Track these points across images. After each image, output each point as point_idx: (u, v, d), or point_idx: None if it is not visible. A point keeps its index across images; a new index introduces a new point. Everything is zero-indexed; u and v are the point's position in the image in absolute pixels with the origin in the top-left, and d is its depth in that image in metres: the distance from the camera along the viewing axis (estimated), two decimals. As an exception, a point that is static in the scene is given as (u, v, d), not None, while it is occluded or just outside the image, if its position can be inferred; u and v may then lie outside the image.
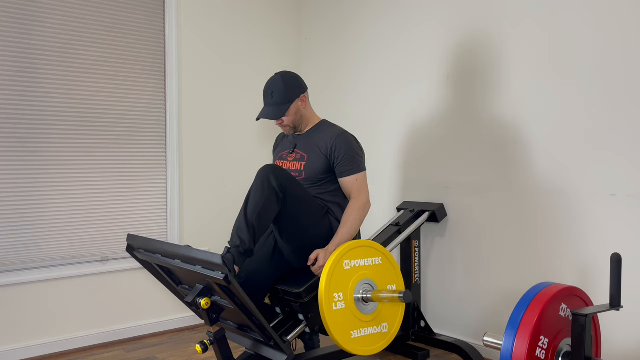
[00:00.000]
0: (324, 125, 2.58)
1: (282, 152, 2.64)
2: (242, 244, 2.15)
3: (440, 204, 2.95)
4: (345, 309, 2.18)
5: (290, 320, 2.37)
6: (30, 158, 2.84)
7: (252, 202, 2.18)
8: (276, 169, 2.23)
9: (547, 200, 2.55)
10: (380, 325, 2.28)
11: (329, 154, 2.44)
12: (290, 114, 2.48)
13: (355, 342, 2.21)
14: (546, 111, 2.55)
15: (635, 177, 2.27)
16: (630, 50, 2.27)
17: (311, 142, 2.52)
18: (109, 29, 3.08)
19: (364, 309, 2.24)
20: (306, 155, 2.50)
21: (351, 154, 2.43)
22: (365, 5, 3.43)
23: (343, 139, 2.44)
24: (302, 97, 2.52)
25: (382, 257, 2.33)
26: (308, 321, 2.29)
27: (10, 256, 2.79)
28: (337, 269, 2.19)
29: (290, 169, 2.53)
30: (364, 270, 2.26)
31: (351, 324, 2.20)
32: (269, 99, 2.48)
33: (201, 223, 3.42)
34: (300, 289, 2.26)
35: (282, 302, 2.38)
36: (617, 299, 1.77)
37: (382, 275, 2.31)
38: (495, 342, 1.85)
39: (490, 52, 2.77)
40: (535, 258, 2.60)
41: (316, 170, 2.45)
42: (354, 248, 2.25)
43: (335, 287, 2.17)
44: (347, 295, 2.20)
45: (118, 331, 3.09)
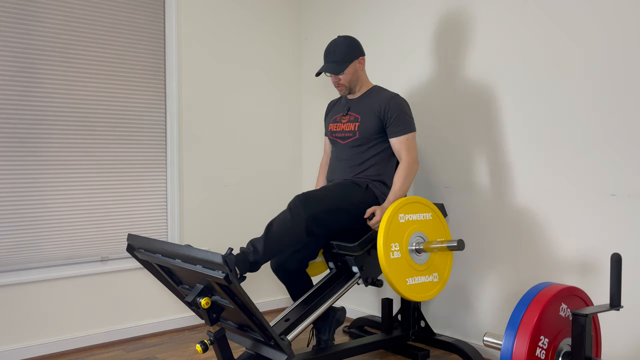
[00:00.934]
0: (377, 89, 2.72)
1: (336, 115, 2.79)
2: (255, 253, 2.27)
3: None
4: (401, 258, 2.38)
5: (344, 273, 2.62)
6: (30, 158, 2.84)
7: (278, 230, 2.34)
8: (306, 201, 2.38)
9: (547, 199, 2.55)
10: (432, 274, 2.49)
11: (382, 115, 2.60)
12: (348, 73, 2.64)
13: (411, 289, 2.40)
14: (546, 111, 2.55)
15: (635, 177, 2.27)
16: (631, 49, 2.27)
17: (364, 105, 2.67)
18: (109, 29, 3.08)
19: (418, 259, 2.45)
20: (359, 116, 2.66)
21: (403, 115, 2.60)
22: (365, 5, 3.43)
23: (396, 101, 2.61)
24: (361, 59, 2.68)
25: (432, 213, 2.54)
26: (362, 273, 2.52)
27: (10, 256, 2.79)
28: (394, 221, 2.39)
29: (345, 130, 2.70)
30: (417, 224, 2.47)
31: (407, 272, 2.40)
32: (330, 56, 2.64)
33: (201, 223, 3.42)
34: (355, 243, 2.48)
35: (335, 257, 2.62)
36: (617, 299, 1.78)
37: (432, 229, 2.52)
38: (495, 342, 1.85)
39: (491, 51, 2.77)
40: (535, 258, 2.60)
41: (369, 130, 2.61)
42: (408, 203, 2.47)
43: (393, 237, 2.37)
44: (403, 246, 2.40)
45: (118, 331, 3.09)
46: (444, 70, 2.99)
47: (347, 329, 3.19)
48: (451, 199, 2.95)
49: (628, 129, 2.28)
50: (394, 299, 3.15)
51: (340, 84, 2.67)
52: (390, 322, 2.91)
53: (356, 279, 2.55)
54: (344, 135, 2.71)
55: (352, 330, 3.16)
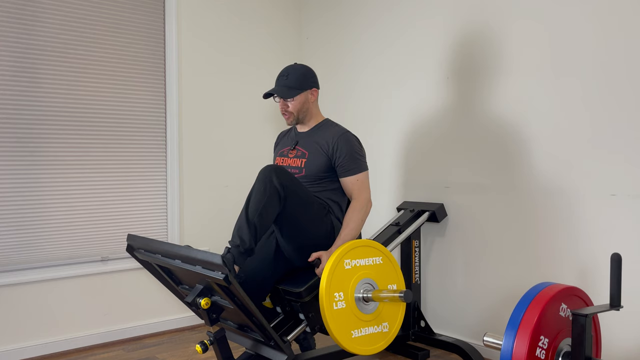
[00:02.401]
0: (327, 124, 2.57)
1: (283, 148, 2.64)
2: (243, 244, 2.15)
3: (440, 204, 2.95)
4: (346, 308, 2.19)
5: (291, 320, 2.37)
6: (30, 158, 2.84)
7: (254, 201, 2.18)
8: (278, 169, 2.23)
9: (547, 200, 2.55)
10: (380, 324, 2.28)
11: (331, 153, 2.44)
12: (298, 102, 2.49)
13: (356, 342, 2.21)
14: (546, 111, 2.55)
15: (635, 177, 2.27)
16: (631, 50, 2.27)
17: (313, 140, 2.51)
18: (109, 28, 3.08)
19: (365, 309, 2.24)
20: (307, 152, 2.50)
21: (352, 154, 2.43)
22: (365, 5, 3.43)
23: (345, 139, 2.44)
24: (314, 90, 2.54)
25: (383, 256, 2.33)
26: (309, 320, 2.29)
27: (10, 256, 2.79)
28: (338, 269, 2.19)
29: (291, 166, 2.53)
30: (365, 270, 2.26)
31: (352, 323, 2.20)
32: (282, 79, 2.49)
33: (201, 223, 3.42)
34: (301, 289, 2.27)
35: (282, 301, 2.39)
36: (617, 299, 1.77)
37: (382, 274, 2.31)
38: (495, 342, 1.85)
39: (490, 51, 2.77)
40: (535, 258, 2.60)
41: (317, 168, 2.45)
42: (355, 248, 2.25)
43: (336, 286, 2.17)
44: (348, 295, 2.20)
45: (118, 331, 3.09)
46: (445, 70, 2.99)
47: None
48: (451, 199, 2.95)
49: (629, 128, 2.28)
50: (394, 299, 3.14)
51: (287, 111, 2.50)
52: (390, 322, 2.89)
53: (304, 326, 2.33)
54: (290, 171, 2.47)
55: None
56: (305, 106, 2.52)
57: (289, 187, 2.22)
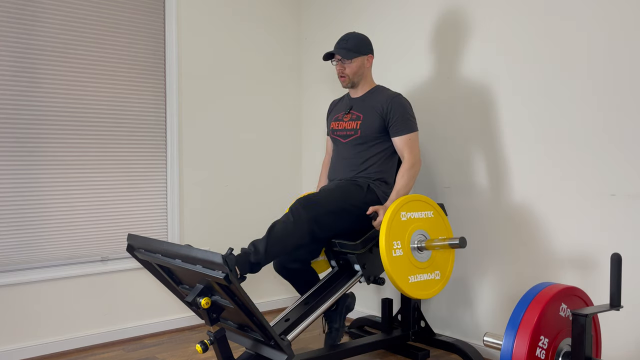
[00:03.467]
0: (380, 89, 2.73)
1: (338, 114, 2.80)
2: (255, 254, 2.28)
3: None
4: (403, 256, 2.40)
5: (345, 272, 2.62)
6: (30, 158, 2.84)
7: (281, 233, 2.34)
8: (307, 203, 2.39)
9: (547, 200, 2.55)
10: (433, 272, 2.51)
11: (384, 114, 2.60)
12: (355, 64, 2.65)
13: (413, 286, 2.42)
14: (546, 110, 2.55)
15: (635, 177, 2.27)
16: (631, 49, 2.27)
17: (367, 104, 2.68)
18: (109, 29, 3.08)
19: (419, 257, 2.46)
20: (362, 115, 2.66)
21: (405, 114, 2.60)
22: (365, 5, 3.43)
23: (398, 101, 2.61)
24: (370, 57, 2.70)
25: (434, 211, 2.55)
26: (364, 271, 2.53)
27: (10, 256, 2.79)
28: (396, 220, 2.40)
29: (346, 128, 2.70)
30: (418, 222, 2.49)
31: (409, 269, 2.41)
32: (342, 43, 2.65)
33: (201, 223, 3.42)
34: (357, 241, 2.48)
35: (337, 255, 2.63)
36: (617, 299, 1.77)
37: (434, 227, 2.53)
38: (495, 342, 1.85)
39: (490, 50, 2.77)
40: (535, 258, 2.60)
41: (371, 128, 2.62)
42: (410, 201, 2.48)
43: (394, 235, 2.38)
44: (405, 244, 2.41)
45: (118, 331, 3.09)
46: (445, 70, 2.99)
47: (347, 329, 3.19)
48: (451, 199, 2.95)
49: (629, 128, 2.28)
50: (394, 299, 3.15)
51: (344, 73, 2.66)
52: (390, 322, 2.91)
53: (358, 277, 2.56)
54: (345, 133, 2.71)
55: (352, 330, 3.16)
56: (361, 70, 2.68)
57: (318, 218, 2.39)
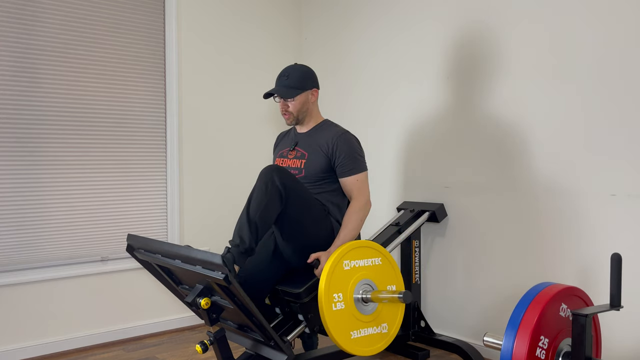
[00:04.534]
0: (326, 124, 2.57)
1: (283, 149, 2.64)
2: (243, 243, 2.15)
3: (440, 204, 2.95)
4: (345, 309, 2.18)
5: (290, 320, 2.37)
6: (30, 158, 2.84)
7: (255, 201, 2.18)
8: (279, 169, 2.23)
9: (547, 200, 2.55)
10: (380, 325, 2.29)
11: (330, 153, 2.43)
12: (298, 102, 2.49)
13: (355, 343, 2.21)
14: (546, 111, 2.55)
15: (635, 177, 2.27)
16: (629, 51, 2.27)
17: (312, 141, 2.51)
18: (109, 29, 3.08)
19: (364, 310, 2.24)
20: (307, 153, 2.50)
21: (352, 154, 2.43)
22: (364, 5, 3.43)
23: (344, 139, 2.44)
24: (314, 91, 2.54)
25: (382, 257, 2.32)
26: (308, 322, 2.29)
27: (10, 256, 2.79)
28: (337, 269, 2.18)
29: (290, 167, 2.52)
30: (364, 271, 2.26)
31: (351, 324, 2.20)
32: (283, 79, 2.49)
33: (201, 223, 3.42)
34: (300, 289, 2.26)
35: (281, 302, 2.38)
36: (617, 299, 1.77)
37: (382, 275, 2.31)
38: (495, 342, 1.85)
39: (490, 51, 2.77)
40: (535, 258, 2.60)
41: (316, 168, 2.44)
42: (354, 248, 2.25)
43: (335, 287, 2.17)
44: (347, 296, 2.19)
45: (118, 331, 3.09)
46: (448, 69, 2.99)
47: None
48: (451, 199, 2.95)
49: (628, 128, 2.28)
50: (394, 299, 3.14)
51: (288, 111, 2.50)
52: (390, 322, 2.89)
53: (302, 327, 2.32)
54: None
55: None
56: (305, 106, 2.52)
57: (290, 187, 2.22)
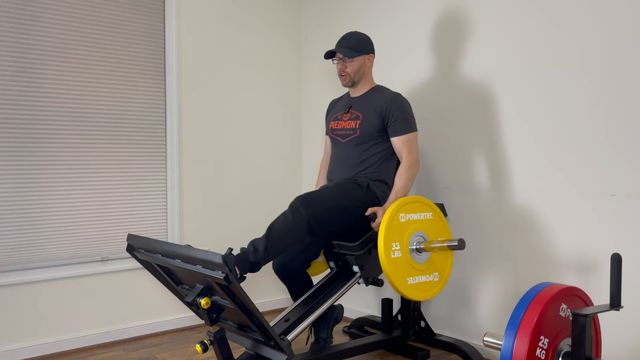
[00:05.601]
0: (379, 88, 2.72)
1: (337, 113, 2.80)
2: (255, 254, 2.26)
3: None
4: (402, 257, 2.39)
5: (344, 273, 2.61)
6: (30, 158, 2.84)
7: (280, 229, 2.33)
8: (307, 201, 2.37)
9: (546, 200, 2.55)
10: (432, 274, 2.49)
11: (384, 114, 2.59)
12: (356, 63, 2.64)
13: (411, 288, 2.41)
14: (547, 110, 2.55)
15: (635, 177, 2.27)
16: (631, 50, 2.27)
17: (366, 103, 2.67)
18: (109, 29, 3.08)
19: (418, 258, 2.45)
20: (361, 114, 2.66)
21: (404, 114, 2.59)
22: (365, 6, 3.43)
23: (397, 101, 2.61)
24: (371, 56, 2.70)
25: (433, 212, 2.54)
26: (362, 272, 2.52)
27: (10, 256, 2.79)
28: (394, 221, 2.39)
29: (345, 128, 2.69)
30: (417, 224, 2.47)
31: (407, 271, 2.40)
32: (344, 41, 2.65)
33: (201, 223, 3.42)
34: (356, 242, 2.47)
35: (336, 256, 2.62)
36: (617, 299, 1.77)
37: (433, 228, 2.52)
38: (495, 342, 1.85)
39: (491, 51, 2.77)
40: (535, 258, 2.60)
41: (370, 128, 2.61)
42: (408, 203, 2.46)
43: (393, 237, 2.37)
44: (404, 245, 2.40)
45: (118, 331, 3.09)
46: (445, 71, 2.99)
47: (347, 329, 3.19)
48: (451, 199, 2.95)
49: (628, 128, 2.28)
50: (394, 299, 3.15)
51: (345, 72, 2.65)
52: (390, 322, 2.91)
53: (357, 278, 2.55)
54: (344, 133, 2.70)
55: (352, 330, 3.16)
56: (362, 69, 2.67)
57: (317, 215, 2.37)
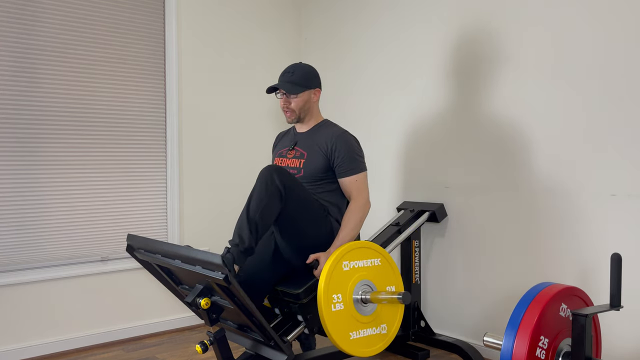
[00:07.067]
0: (326, 124, 2.57)
1: (282, 149, 2.63)
2: (242, 243, 2.14)
3: (440, 204, 2.95)
4: (344, 310, 2.17)
5: (289, 321, 2.36)
6: (30, 158, 2.84)
7: (255, 200, 2.18)
8: (279, 169, 2.23)
9: (547, 200, 2.55)
10: (379, 326, 2.28)
11: (329, 153, 2.42)
12: (301, 99, 2.49)
13: (354, 344, 2.20)
14: (546, 111, 2.55)
15: (635, 177, 2.27)
16: (630, 50, 2.27)
17: (312, 141, 2.50)
18: (109, 29, 3.08)
19: (363, 310, 2.23)
20: (306, 153, 2.49)
21: (351, 154, 2.42)
22: (364, 5, 3.43)
23: (343, 139, 2.44)
24: (317, 90, 2.55)
25: (381, 258, 2.31)
26: (307, 322, 2.28)
27: (10, 256, 2.79)
28: (336, 270, 2.17)
29: (290, 166, 2.51)
30: (363, 272, 2.25)
31: (350, 325, 2.19)
32: (287, 75, 2.49)
33: (201, 223, 3.42)
34: (299, 290, 2.25)
35: (281, 303, 2.37)
36: (617, 299, 1.77)
37: (381, 276, 2.30)
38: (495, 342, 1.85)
39: (490, 51, 2.77)
40: (535, 258, 2.60)
41: (315, 168, 2.44)
42: (353, 249, 2.24)
43: (335, 288, 2.15)
44: (346, 297, 2.18)
45: (118, 331, 3.09)
46: (448, 69, 2.99)
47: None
48: (451, 199, 2.95)
49: (629, 128, 2.28)
50: (394, 299, 3.14)
51: (289, 108, 2.49)
52: (390, 322, 2.89)
53: (302, 328, 2.31)
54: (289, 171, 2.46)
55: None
56: (307, 105, 2.52)
57: (290, 186, 2.22)
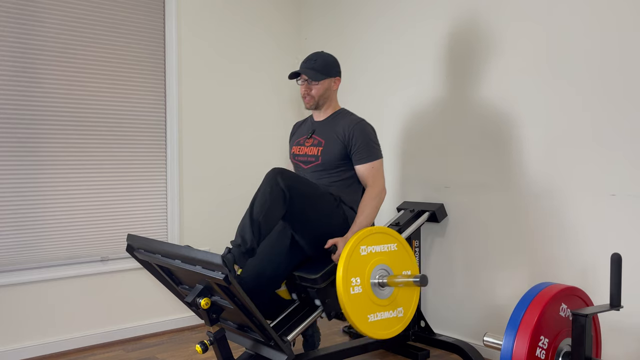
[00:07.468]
0: (343, 113, 2.61)
1: (300, 137, 2.68)
2: (244, 244, 2.15)
3: (440, 204, 2.95)
4: (362, 293, 2.25)
5: (306, 306, 2.42)
6: (30, 158, 2.84)
7: (259, 202, 2.20)
8: (283, 172, 2.26)
9: (547, 200, 2.55)
10: (396, 309, 2.35)
11: (346, 141, 2.48)
12: (322, 87, 2.53)
13: (372, 326, 2.27)
14: (546, 111, 2.55)
15: (635, 177, 2.27)
16: (628, 50, 2.27)
17: (329, 129, 2.55)
18: (108, 28, 3.08)
19: (380, 294, 2.30)
20: (324, 140, 2.54)
21: (368, 142, 2.48)
22: (364, 5, 3.43)
23: (360, 127, 2.49)
24: (337, 79, 2.59)
25: (398, 243, 2.39)
26: (325, 307, 2.33)
27: (10, 256, 2.79)
28: (355, 255, 2.25)
29: (307, 154, 2.57)
30: (380, 256, 2.32)
31: (368, 307, 2.26)
32: (310, 62, 2.53)
33: (201, 223, 3.42)
34: (317, 275, 2.30)
35: (298, 288, 2.43)
36: (617, 299, 1.78)
37: (397, 261, 2.37)
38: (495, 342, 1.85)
39: (489, 51, 2.77)
40: (536, 258, 2.60)
41: (333, 155, 2.49)
42: (371, 234, 2.32)
43: (353, 272, 2.23)
44: (364, 280, 2.26)
45: (118, 331, 3.09)
46: (447, 69, 2.99)
47: (347, 329, 3.19)
48: (451, 199, 2.95)
49: (629, 128, 2.28)
50: (394, 299, 3.15)
51: (310, 94, 2.54)
52: (390, 322, 2.90)
53: (319, 312, 2.36)
54: (306, 159, 2.58)
55: (352, 330, 3.16)
56: (327, 93, 2.57)
57: (294, 187, 2.24)
